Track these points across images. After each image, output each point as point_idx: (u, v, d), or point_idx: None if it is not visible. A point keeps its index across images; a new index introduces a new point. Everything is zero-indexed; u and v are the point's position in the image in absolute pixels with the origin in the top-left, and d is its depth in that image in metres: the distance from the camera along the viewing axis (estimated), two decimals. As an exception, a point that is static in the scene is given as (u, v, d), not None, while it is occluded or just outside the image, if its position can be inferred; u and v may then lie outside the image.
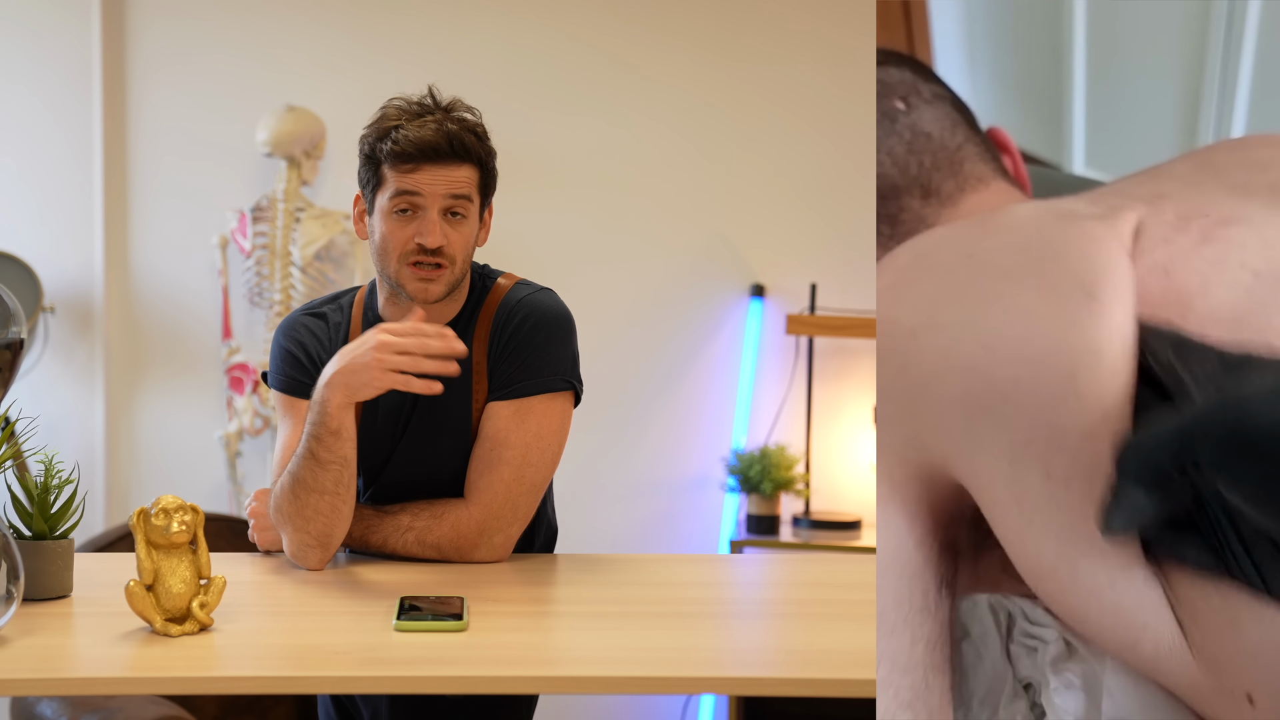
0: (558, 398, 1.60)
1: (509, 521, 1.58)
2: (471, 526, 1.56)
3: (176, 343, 3.13)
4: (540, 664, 1.23)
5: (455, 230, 1.55)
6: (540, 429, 1.58)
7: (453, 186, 1.54)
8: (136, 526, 1.22)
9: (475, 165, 1.56)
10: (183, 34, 3.10)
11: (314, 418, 1.50)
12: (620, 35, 3.10)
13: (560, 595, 1.54)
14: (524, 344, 1.58)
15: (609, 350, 3.07)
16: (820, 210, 3.09)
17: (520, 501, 1.58)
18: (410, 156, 1.52)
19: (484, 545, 1.57)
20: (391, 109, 1.58)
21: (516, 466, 1.56)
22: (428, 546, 1.56)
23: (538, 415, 1.58)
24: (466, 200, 1.55)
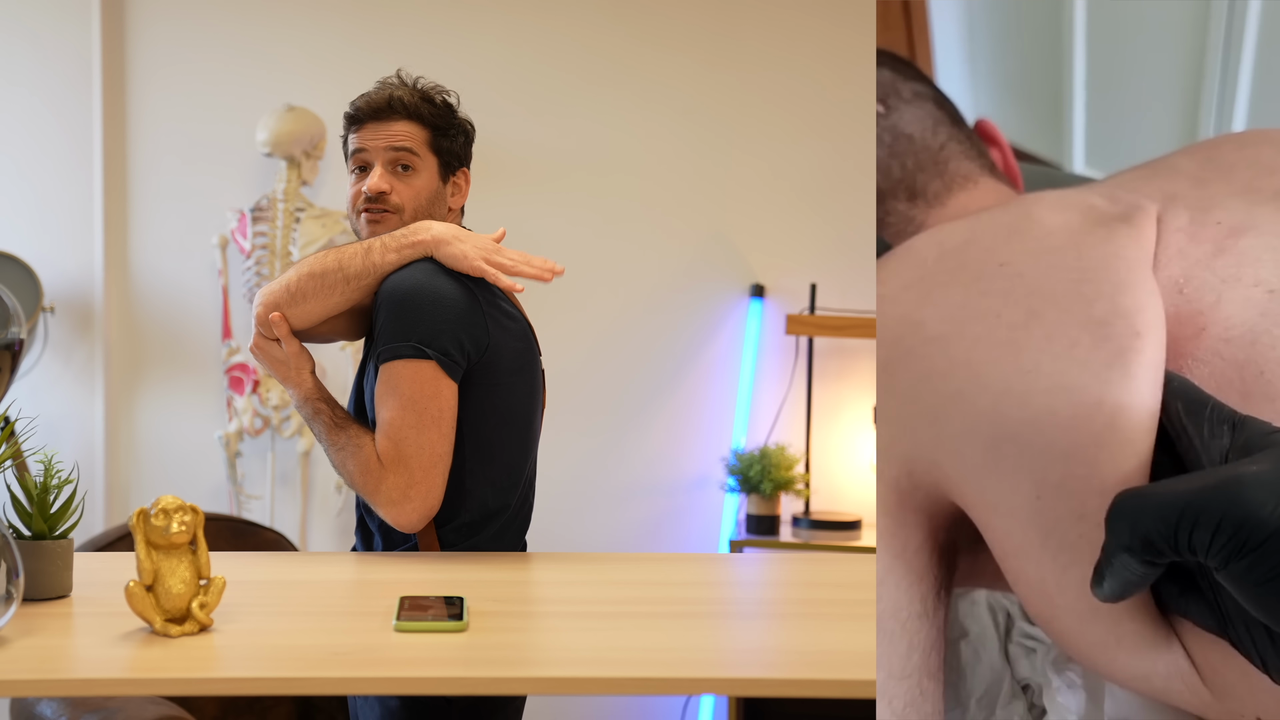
0: (419, 364, 1.57)
1: (406, 484, 1.57)
2: (373, 475, 1.58)
3: (176, 343, 3.13)
4: (540, 664, 1.23)
5: (401, 181, 1.70)
6: (411, 393, 1.57)
7: (392, 140, 1.70)
8: (136, 527, 1.22)
9: (418, 122, 1.71)
10: (182, 34, 3.10)
11: (398, 235, 1.64)
12: (620, 36, 3.10)
13: (560, 595, 1.54)
14: (381, 313, 1.60)
15: (609, 350, 3.07)
16: (820, 210, 3.09)
17: (411, 464, 1.57)
18: (357, 117, 1.72)
19: (383, 501, 1.58)
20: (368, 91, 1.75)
21: (396, 427, 1.57)
22: (347, 471, 1.61)
23: (404, 379, 1.58)
24: (408, 153, 1.70)
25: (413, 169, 1.71)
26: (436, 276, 1.61)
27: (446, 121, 1.74)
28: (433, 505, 1.59)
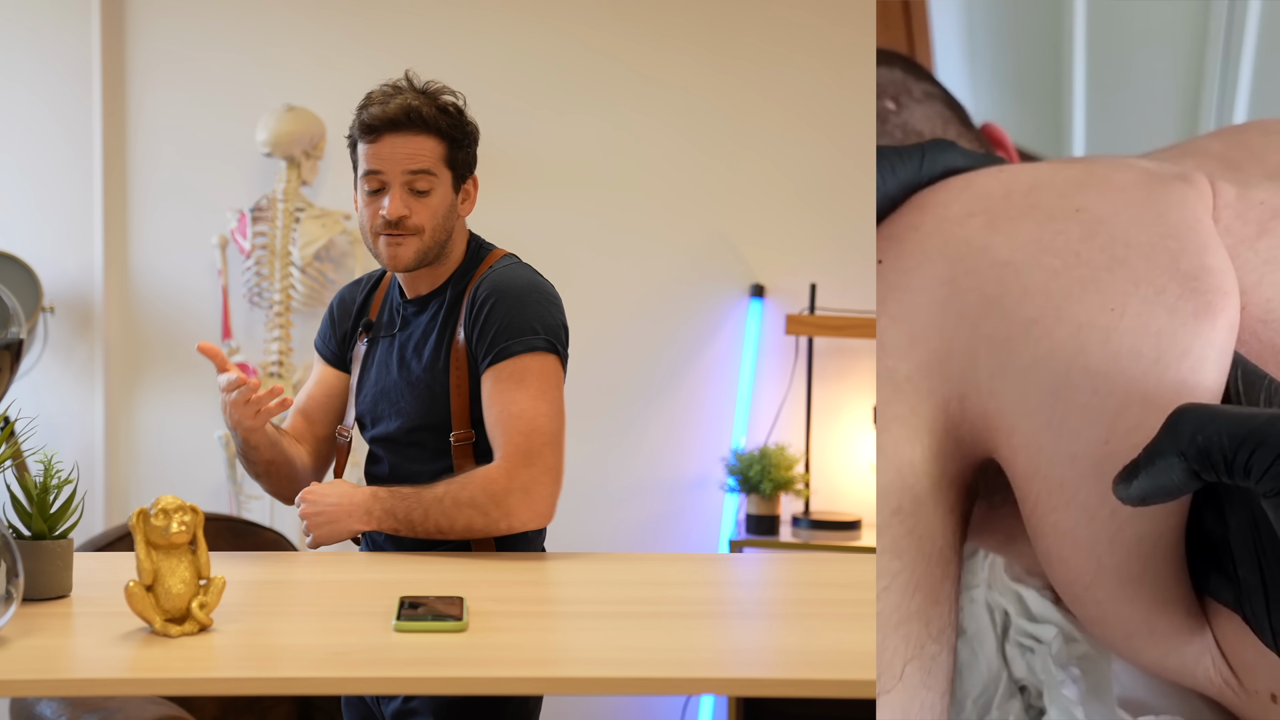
0: (546, 357, 1.64)
1: (541, 471, 1.59)
2: (500, 475, 1.59)
3: (176, 343, 3.13)
4: (540, 664, 1.23)
5: (420, 202, 1.66)
6: (542, 384, 1.62)
7: (412, 160, 1.65)
8: (136, 527, 1.22)
9: (437, 136, 1.67)
10: (182, 34, 3.10)
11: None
12: (619, 35, 3.10)
13: (560, 595, 1.53)
14: (500, 310, 1.64)
15: (609, 350, 3.07)
16: (820, 210, 3.09)
17: (545, 452, 1.60)
18: (374, 129, 1.65)
19: (517, 493, 1.58)
20: (374, 92, 1.70)
21: (529, 418, 1.60)
22: (463, 504, 1.58)
23: (534, 372, 1.62)
24: (427, 174, 1.66)
25: (430, 190, 1.67)
26: (540, 275, 1.71)
27: (461, 132, 1.71)
28: (557, 491, 1.63)
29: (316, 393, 1.83)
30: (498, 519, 1.58)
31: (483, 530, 1.59)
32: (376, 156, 1.66)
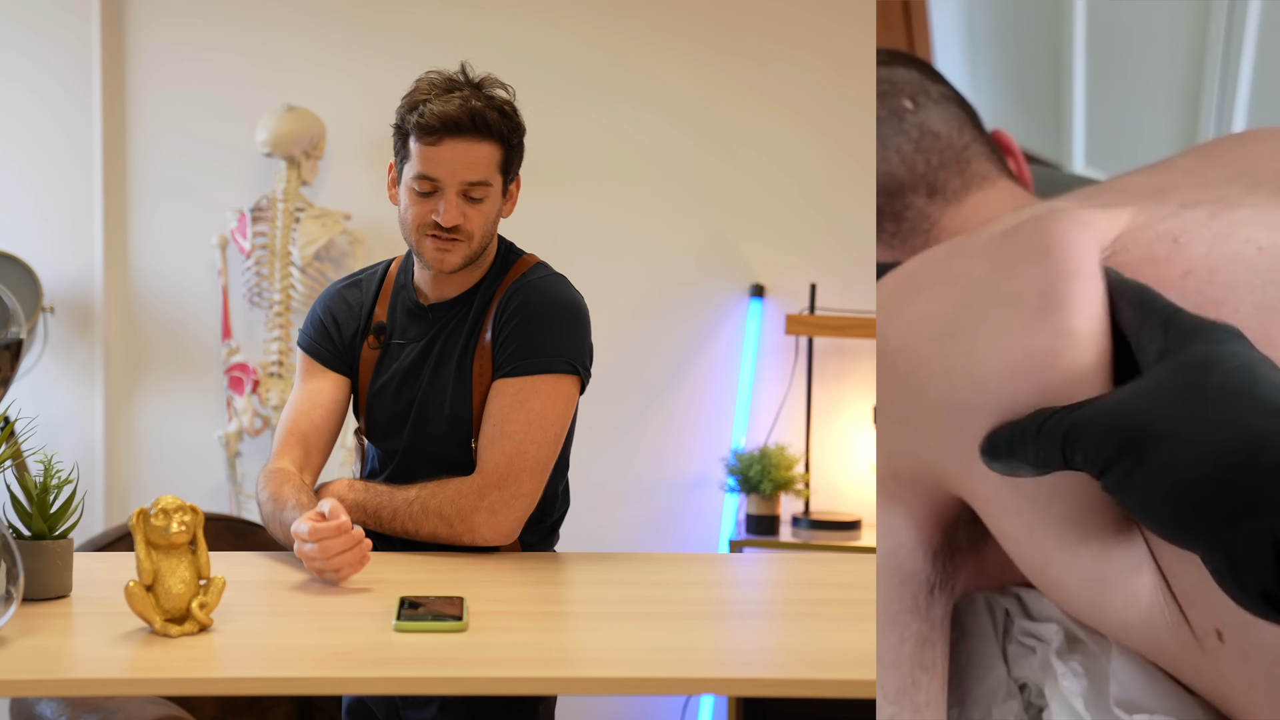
0: (560, 379, 1.63)
1: (512, 495, 1.59)
2: (471, 491, 1.58)
3: (176, 343, 3.13)
4: (540, 664, 1.23)
5: (473, 208, 1.62)
6: (543, 409, 1.61)
7: (471, 170, 1.60)
8: (136, 527, 1.22)
9: (497, 142, 1.61)
10: (182, 34, 3.10)
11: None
12: (619, 34, 3.10)
13: (560, 595, 1.54)
14: (524, 324, 1.63)
15: (608, 350, 3.06)
16: (820, 210, 3.09)
17: (523, 478, 1.59)
18: (434, 130, 1.58)
19: (483, 512, 1.58)
20: (424, 82, 1.63)
21: (518, 442, 1.59)
22: (430, 513, 1.59)
23: (540, 395, 1.61)
24: (484, 185, 1.61)
25: (484, 198, 1.63)
26: (572, 288, 1.70)
27: (516, 136, 1.65)
28: (525, 515, 1.62)
29: (319, 418, 1.71)
30: (461, 533, 1.59)
31: (446, 540, 1.60)
32: (434, 161, 1.60)
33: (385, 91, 3.29)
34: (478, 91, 1.62)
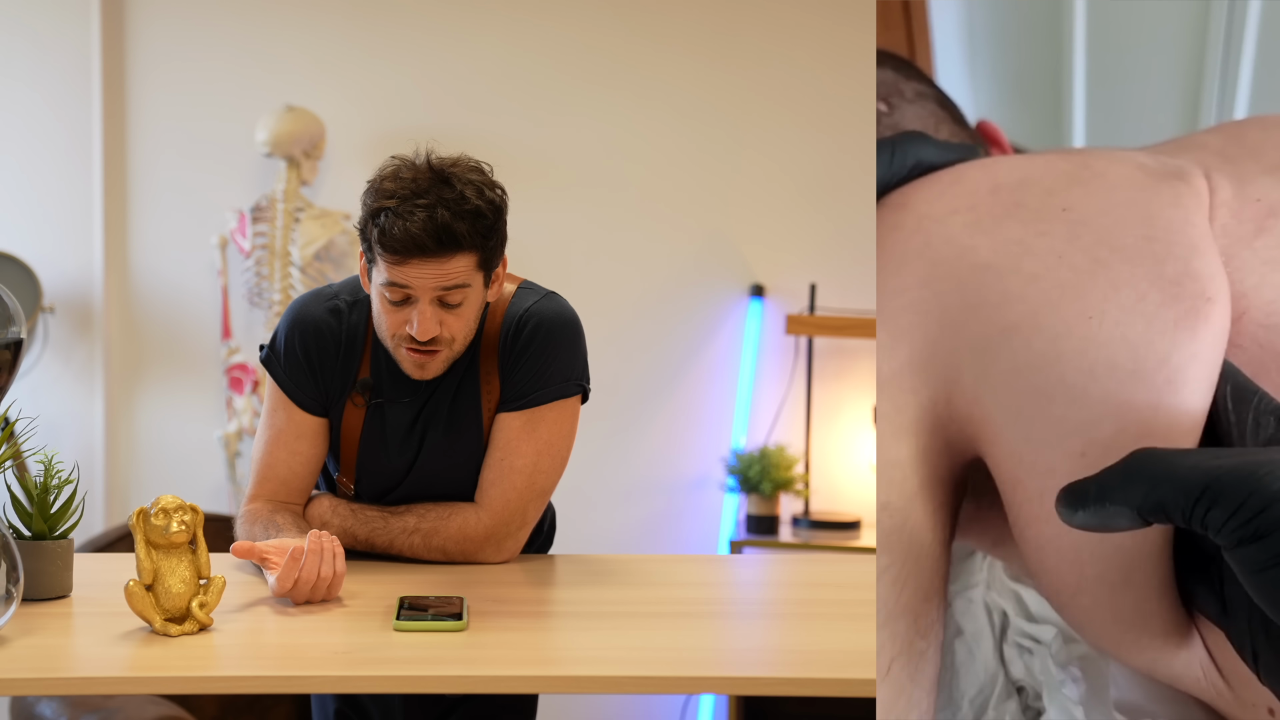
0: (568, 402, 1.61)
1: (517, 527, 1.59)
2: (479, 531, 1.57)
3: (176, 343, 3.13)
4: (540, 664, 1.23)
5: (452, 314, 1.50)
6: (551, 436, 1.59)
7: (444, 279, 1.46)
8: (136, 526, 1.22)
9: (471, 250, 1.47)
10: (182, 34, 3.10)
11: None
12: (620, 35, 3.10)
13: (560, 595, 1.54)
14: (536, 355, 1.57)
15: (608, 351, 3.07)
16: (820, 210, 3.09)
17: (529, 507, 1.59)
18: (397, 251, 1.44)
19: (490, 549, 1.58)
20: (387, 182, 1.48)
21: (528, 475, 1.58)
22: (433, 549, 1.57)
23: (549, 423, 1.59)
24: (461, 288, 1.48)
25: (463, 301, 1.50)
26: (565, 304, 1.63)
27: (495, 234, 1.51)
28: (528, 536, 1.62)
29: (299, 466, 1.59)
30: (461, 560, 1.58)
31: (444, 562, 1.57)
32: (401, 274, 1.46)
33: (385, 91, 3.30)
34: (445, 189, 1.45)
